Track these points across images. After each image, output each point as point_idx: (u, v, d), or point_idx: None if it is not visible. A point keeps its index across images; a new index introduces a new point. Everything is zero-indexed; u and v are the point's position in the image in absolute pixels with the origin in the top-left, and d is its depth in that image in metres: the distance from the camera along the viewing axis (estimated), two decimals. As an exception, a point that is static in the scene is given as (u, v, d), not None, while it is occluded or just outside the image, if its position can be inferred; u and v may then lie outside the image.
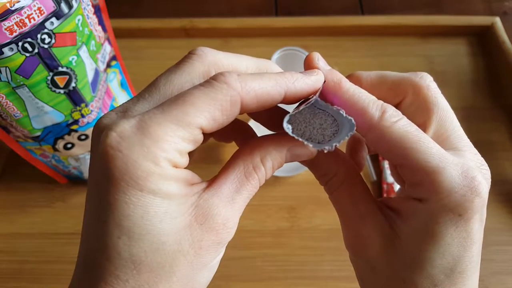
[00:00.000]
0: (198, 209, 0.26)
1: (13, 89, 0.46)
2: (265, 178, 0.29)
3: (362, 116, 0.28)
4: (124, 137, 0.24)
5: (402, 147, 0.27)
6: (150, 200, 0.24)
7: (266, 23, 0.85)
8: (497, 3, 0.94)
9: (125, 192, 0.23)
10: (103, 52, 0.57)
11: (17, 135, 0.54)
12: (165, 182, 0.24)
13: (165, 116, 0.24)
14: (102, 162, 0.24)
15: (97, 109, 0.56)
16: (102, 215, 0.25)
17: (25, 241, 0.64)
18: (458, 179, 0.26)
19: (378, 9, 0.93)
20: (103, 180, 0.24)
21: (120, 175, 0.23)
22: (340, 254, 0.62)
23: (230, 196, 0.27)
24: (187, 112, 0.24)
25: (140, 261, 0.24)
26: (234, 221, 0.27)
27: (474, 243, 0.27)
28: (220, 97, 0.25)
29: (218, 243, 0.26)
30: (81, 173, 0.63)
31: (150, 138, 0.24)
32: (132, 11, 0.94)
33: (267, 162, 0.28)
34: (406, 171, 0.28)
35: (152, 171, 0.23)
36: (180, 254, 0.25)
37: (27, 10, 0.41)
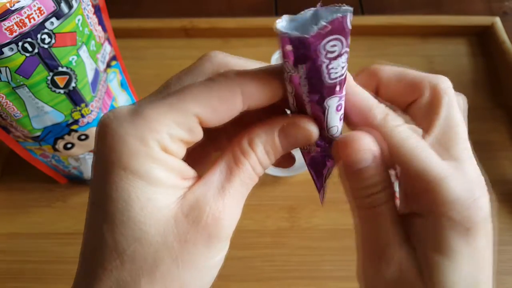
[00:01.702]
0: (184, 200, 0.24)
1: (13, 89, 0.46)
2: (260, 165, 0.26)
3: (365, 114, 0.26)
4: (116, 116, 0.23)
5: (401, 153, 0.25)
6: (133, 182, 0.23)
7: (266, 23, 0.85)
8: (497, 3, 0.94)
9: (111, 171, 0.23)
10: (103, 52, 0.57)
11: (17, 135, 0.54)
12: (151, 164, 0.23)
13: (162, 101, 0.24)
14: (95, 141, 0.24)
15: (97, 109, 0.56)
16: (92, 198, 0.25)
17: (25, 241, 0.64)
18: (460, 190, 0.24)
19: (378, 9, 0.93)
20: (95, 160, 0.24)
21: (107, 152, 0.23)
22: (340, 254, 0.62)
23: (219, 185, 0.25)
24: (183, 99, 0.24)
25: (122, 250, 0.23)
26: (226, 212, 0.25)
27: (487, 263, 0.26)
28: (217, 87, 0.24)
29: (208, 237, 0.24)
30: (81, 173, 0.63)
31: (141, 118, 0.23)
32: (132, 11, 0.94)
33: (256, 145, 0.26)
34: (406, 179, 0.27)
35: (137, 149, 0.23)
36: (163, 247, 0.23)
37: (27, 10, 0.41)
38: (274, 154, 0.27)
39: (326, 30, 0.22)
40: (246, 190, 0.26)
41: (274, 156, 0.27)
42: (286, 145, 0.27)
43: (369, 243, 0.28)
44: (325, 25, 0.21)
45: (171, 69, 0.82)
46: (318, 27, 0.21)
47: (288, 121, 0.26)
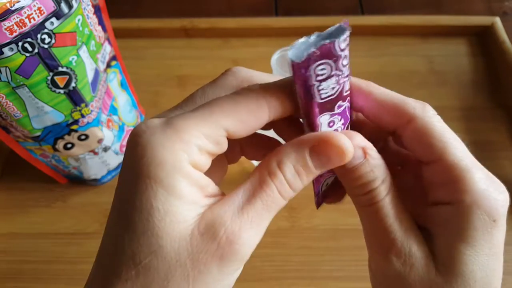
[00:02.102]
0: (202, 218, 0.24)
1: (13, 89, 0.46)
2: (290, 187, 0.25)
3: (403, 107, 0.27)
4: (149, 126, 0.24)
5: (442, 141, 0.26)
6: (157, 192, 0.23)
7: (266, 23, 0.85)
8: (497, 3, 0.94)
9: (137, 179, 0.23)
10: (103, 52, 0.57)
11: (17, 135, 0.54)
12: (176, 176, 0.23)
13: (192, 114, 0.24)
14: (125, 150, 0.25)
15: (97, 109, 0.56)
16: (115, 204, 0.25)
17: (24, 241, 0.63)
18: (489, 182, 0.25)
19: (378, 9, 0.93)
20: (123, 168, 0.25)
21: (137, 160, 0.23)
22: (340, 254, 0.61)
23: (239, 207, 0.24)
24: (212, 111, 0.24)
25: (139, 261, 0.23)
26: (242, 235, 0.24)
27: (501, 257, 0.26)
28: (244, 100, 0.25)
29: (220, 259, 0.23)
30: (81, 173, 0.63)
31: (172, 129, 0.23)
32: (132, 11, 0.94)
33: (285, 166, 0.25)
34: (438, 168, 0.26)
35: (165, 159, 0.23)
36: (176, 264, 0.23)
37: (27, 10, 0.41)
38: (306, 175, 0.26)
39: (314, 55, 0.23)
40: (268, 214, 0.25)
41: (307, 177, 0.26)
42: (318, 165, 0.25)
43: (375, 238, 0.27)
44: (313, 51, 0.23)
45: (171, 69, 0.83)
46: (308, 52, 0.23)
47: (320, 138, 0.25)
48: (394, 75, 0.81)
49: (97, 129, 0.56)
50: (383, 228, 0.26)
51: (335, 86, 0.25)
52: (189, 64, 0.83)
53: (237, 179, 0.68)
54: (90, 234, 0.64)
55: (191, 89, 0.82)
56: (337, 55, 0.24)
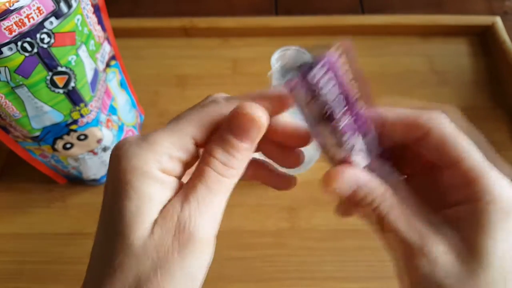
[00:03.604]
0: (160, 213, 0.27)
1: (12, 89, 0.46)
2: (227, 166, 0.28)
3: (417, 123, 0.30)
4: (127, 141, 0.28)
5: (457, 149, 0.29)
6: (129, 196, 0.26)
7: (266, 22, 0.85)
8: (497, 2, 0.94)
9: (115, 186, 0.26)
10: (102, 52, 0.57)
11: (16, 135, 0.54)
12: (146, 180, 0.26)
13: (164, 128, 0.28)
14: (109, 162, 0.28)
15: (96, 109, 0.56)
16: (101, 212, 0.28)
17: (24, 242, 0.63)
18: (502, 182, 0.28)
19: (378, 9, 0.93)
20: (106, 178, 0.28)
21: (116, 170, 0.27)
22: (340, 255, 0.61)
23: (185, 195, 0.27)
24: (180, 122, 0.28)
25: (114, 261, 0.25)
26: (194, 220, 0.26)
27: None
28: (207, 109, 0.29)
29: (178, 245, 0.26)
30: (80, 173, 0.63)
31: (146, 142, 0.27)
32: (131, 10, 0.94)
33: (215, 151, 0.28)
34: (456, 172, 0.29)
35: (138, 167, 0.26)
36: (145, 258, 0.25)
37: (26, 9, 0.41)
38: (237, 150, 0.28)
39: (287, 87, 0.28)
40: (215, 196, 0.28)
41: (238, 152, 0.28)
42: (241, 138, 0.28)
43: (397, 251, 0.29)
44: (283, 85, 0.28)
45: (170, 68, 0.83)
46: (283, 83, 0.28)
47: (231, 113, 0.28)
48: (394, 75, 0.81)
49: (96, 129, 0.56)
50: (400, 239, 0.28)
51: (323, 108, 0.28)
52: (188, 64, 0.83)
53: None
54: (89, 235, 0.63)
55: (191, 89, 0.82)
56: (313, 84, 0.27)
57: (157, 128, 0.28)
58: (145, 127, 0.75)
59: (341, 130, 0.28)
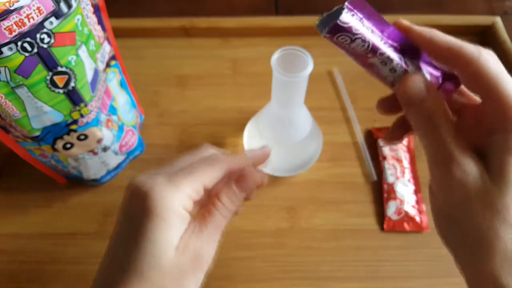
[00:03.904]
0: (181, 240, 0.36)
1: (12, 89, 0.46)
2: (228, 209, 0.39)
3: (461, 51, 0.32)
4: (157, 182, 0.36)
5: (495, 82, 0.31)
6: (159, 225, 0.34)
7: (266, 23, 0.85)
8: (497, 2, 0.94)
9: (147, 216, 0.34)
10: (102, 52, 0.57)
11: (16, 135, 0.54)
12: (173, 215, 0.35)
13: (184, 176, 0.37)
14: (133, 195, 0.36)
15: (96, 109, 0.56)
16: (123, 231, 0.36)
17: (24, 241, 0.64)
18: None
19: (378, 9, 0.92)
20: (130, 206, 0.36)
21: (149, 203, 0.35)
22: (340, 255, 0.62)
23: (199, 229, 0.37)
24: (197, 174, 0.38)
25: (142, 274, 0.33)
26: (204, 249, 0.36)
27: None
28: (215, 167, 0.39)
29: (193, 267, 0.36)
30: (80, 173, 0.63)
31: (174, 185, 0.36)
32: (131, 10, 0.94)
33: (223, 197, 0.39)
34: (493, 102, 0.32)
35: (168, 205, 0.35)
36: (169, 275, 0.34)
37: (26, 9, 0.41)
38: (237, 198, 0.40)
39: (327, 35, 0.33)
40: (217, 230, 0.38)
41: (237, 199, 0.40)
42: (244, 191, 0.40)
43: (437, 158, 0.34)
44: (325, 32, 0.33)
45: (171, 68, 0.83)
46: (323, 33, 0.33)
47: (240, 175, 0.41)
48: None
49: (96, 129, 0.56)
50: (444, 148, 0.32)
51: (364, 44, 0.33)
52: (188, 64, 0.83)
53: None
54: (89, 235, 0.64)
55: (191, 89, 0.82)
56: (347, 27, 0.32)
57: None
58: (145, 127, 0.75)
59: (388, 57, 0.34)
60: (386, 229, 0.63)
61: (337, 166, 0.70)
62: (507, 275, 0.30)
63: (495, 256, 0.31)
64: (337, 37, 0.33)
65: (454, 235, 0.34)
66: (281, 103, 0.58)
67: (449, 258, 0.60)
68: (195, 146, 0.71)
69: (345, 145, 0.72)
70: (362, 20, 0.33)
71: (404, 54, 0.35)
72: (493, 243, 0.31)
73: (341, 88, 0.78)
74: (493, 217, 0.31)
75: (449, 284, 0.59)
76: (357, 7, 0.33)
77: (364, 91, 0.77)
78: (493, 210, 0.31)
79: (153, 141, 0.73)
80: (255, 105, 0.75)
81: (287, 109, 0.59)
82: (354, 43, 0.33)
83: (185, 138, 0.73)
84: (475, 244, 0.32)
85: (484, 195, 0.31)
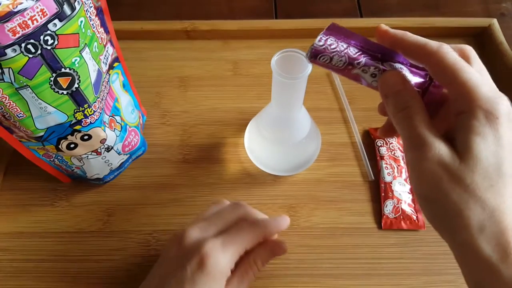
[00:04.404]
0: None
1: (16, 89, 0.47)
2: (258, 270, 0.51)
3: (425, 46, 0.37)
4: (210, 246, 0.46)
5: (454, 68, 0.35)
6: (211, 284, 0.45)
7: (266, 25, 0.85)
8: (494, 4, 0.94)
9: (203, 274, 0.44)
10: (105, 54, 0.58)
11: (20, 135, 0.55)
12: (222, 276, 0.46)
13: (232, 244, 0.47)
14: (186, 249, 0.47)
15: (100, 110, 0.56)
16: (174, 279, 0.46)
17: (28, 240, 0.64)
18: (491, 92, 0.35)
19: (376, 11, 0.94)
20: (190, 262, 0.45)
21: (206, 265, 0.44)
22: (339, 252, 0.62)
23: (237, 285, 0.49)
24: (242, 241, 0.48)
25: None
26: None
27: (509, 143, 0.34)
28: (256, 233, 0.50)
29: None
30: (84, 173, 0.64)
31: (227, 252, 0.46)
32: (134, 14, 0.94)
33: (257, 261, 0.52)
34: (454, 87, 0.35)
35: (221, 269, 0.45)
36: None
37: (29, 11, 0.42)
38: (266, 262, 0.52)
39: (311, 59, 0.39)
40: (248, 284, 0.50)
41: (266, 262, 0.52)
42: (271, 257, 0.53)
43: (411, 141, 0.36)
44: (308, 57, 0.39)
45: (172, 70, 0.84)
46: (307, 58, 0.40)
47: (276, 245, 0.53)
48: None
49: (99, 129, 0.57)
50: (417, 133, 0.35)
51: (341, 59, 0.39)
52: (190, 65, 0.83)
53: (238, 178, 0.69)
54: (93, 233, 0.65)
55: (193, 90, 0.83)
56: (322, 50, 0.38)
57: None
58: (148, 127, 0.75)
59: (365, 64, 0.38)
60: (384, 228, 0.64)
61: (336, 166, 0.71)
62: (485, 243, 0.33)
63: (471, 228, 0.33)
64: (318, 58, 0.39)
65: (434, 214, 0.37)
66: (281, 104, 0.58)
67: (445, 255, 0.61)
68: (196, 146, 0.72)
69: (343, 145, 0.73)
70: (337, 41, 0.39)
71: (384, 60, 0.39)
72: (468, 216, 0.33)
73: (339, 89, 0.79)
74: (464, 193, 0.33)
75: (445, 282, 0.59)
76: (332, 32, 0.39)
77: (361, 92, 0.78)
78: (463, 185, 0.33)
79: (155, 141, 0.74)
80: (255, 106, 0.76)
81: (286, 110, 0.59)
82: (334, 60, 0.38)
83: (186, 138, 0.74)
84: (453, 220, 0.34)
85: (454, 172, 0.34)
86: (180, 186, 0.69)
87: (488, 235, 0.33)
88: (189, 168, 0.70)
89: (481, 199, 0.33)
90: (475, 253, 0.33)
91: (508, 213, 0.33)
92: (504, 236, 0.33)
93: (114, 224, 0.65)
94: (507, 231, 0.33)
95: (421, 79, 0.40)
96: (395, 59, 0.40)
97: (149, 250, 0.63)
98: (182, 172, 0.70)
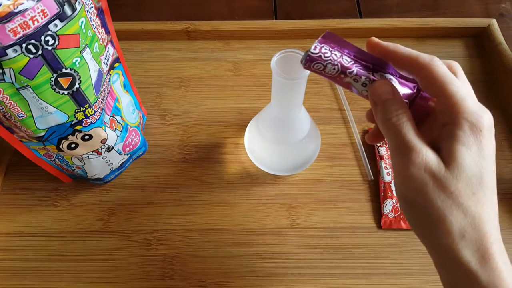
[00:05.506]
0: None
1: (17, 90, 0.47)
2: None
3: (417, 59, 0.38)
4: None
5: (443, 81, 0.36)
6: None
7: (265, 26, 0.86)
8: (493, 5, 0.94)
9: None
10: (106, 54, 0.58)
11: (21, 135, 0.55)
12: None
13: None
14: None
15: (101, 110, 0.57)
16: None
17: (29, 240, 0.65)
18: (476, 106, 0.36)
19: (375, 12, 0.94)
20: None
21: None
22: (338, 252, 0.63)
23: None
24: None
25: None
26: None
27: (490, 157, 0.36)
28: None
29: None
30: (85, 173, 0.64)
31: None
32: (134, 14, 0.94)
33: None
34: (443, 98, 0.36)
35: None
36: None
37: (30, 12, 0.42)
38: None
39: (306, 65, 0.40)
40: None
41: None
42: None
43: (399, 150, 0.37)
44: (303, 63, 0.40)
45: (173, 70, 0.84)
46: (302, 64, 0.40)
47: None
48: (392, 76, 0.81)
49: (100, 129, 0.57)
50: (405, 140, 0.36)
51: (335, 67, 0.40)
52: (190, 66, 0.84)
53: (238, 178, 0.69)
54: (93, 232, 0.65)
55: (193, 90, 0.83)
56: (317, 58, 0.39)
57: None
58: (148, 127, 0.76)
59: (356, 74, 0.40)
60: (383, 227, 0.64)
61: (335, 166, 0.71)
62: (465, 248, 0.34)
63: (452, 234, 0.35)
64: (313, 65, 0.40)
65: (416, 219, 0.38)
66: (281, 104, 0.58)
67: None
68: (196, 146, 0.72)
69: (343, 145, 0.73)
70: (332, 49, 0.40)
71: (375, 71, 0.40)
72: (450, 222, 0.35)
73: (338, 89, 0.79)
74: (448, 199, 0.35)
75: (444, 280, 0.60)
76: (327, 41, 0.40)
77: (362, 92, 0.78)
78: (447, 192, 0.35)
79: (156, 141, 0.74)
80: (255, 106, 0.76)
81: (286, 110, 0.59)
82: (327, 68, 0.40)
83: (186, 138, 0.74)
84: (434, 224, 0.35)
85: (439, 179, 0.35)
86: (181, 186, 0.69)
87: (468, 241, 0.34)
88: (189, 168, 0.71)
89: (463, 206, 0.35)
90: (455, 258, 0.35)
91: (487, 220, 0.35)
92: (483, 242, 0.34)
93: (115, 223, 0.66)
94: (486, 237, 0.34)
95: (410, 90, 0.41)
96: (386, 70, 0.41)
97: (150, 250, 0.63)
98: (183, 172, 0.70)
